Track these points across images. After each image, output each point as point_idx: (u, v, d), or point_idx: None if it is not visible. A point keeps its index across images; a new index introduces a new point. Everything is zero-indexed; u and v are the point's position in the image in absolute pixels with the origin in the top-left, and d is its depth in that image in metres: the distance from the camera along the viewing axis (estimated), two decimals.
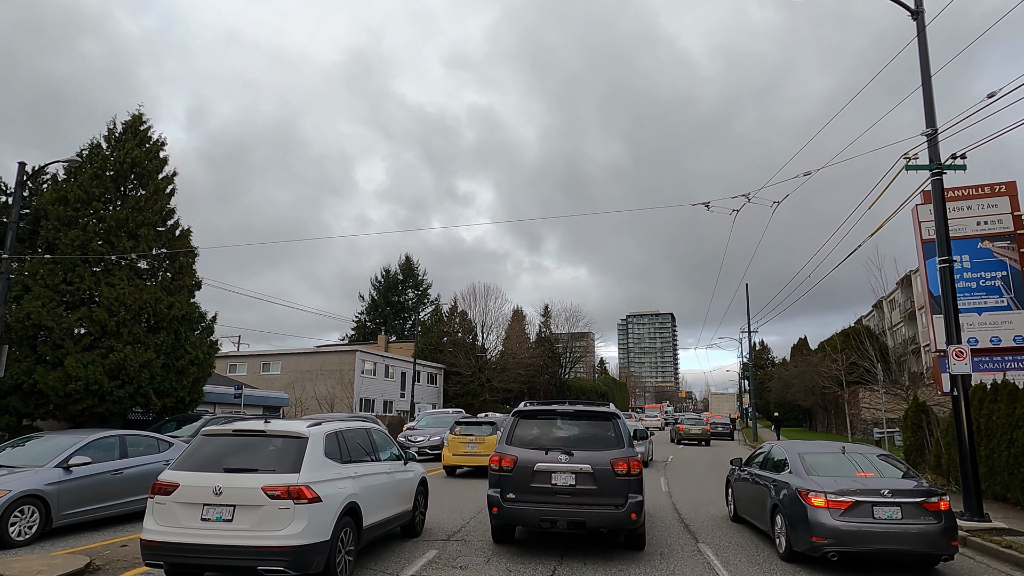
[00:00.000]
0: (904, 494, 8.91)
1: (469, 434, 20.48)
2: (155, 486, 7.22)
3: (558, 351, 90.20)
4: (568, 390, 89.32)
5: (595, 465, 9.06)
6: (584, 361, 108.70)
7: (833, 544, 8.71)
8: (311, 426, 8.09)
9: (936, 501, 8.82)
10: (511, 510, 9.18)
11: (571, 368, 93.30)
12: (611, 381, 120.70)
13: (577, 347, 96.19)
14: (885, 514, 8.74)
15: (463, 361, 66.42)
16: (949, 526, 8.74)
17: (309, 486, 7.11)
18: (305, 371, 53.72)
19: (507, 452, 9.45)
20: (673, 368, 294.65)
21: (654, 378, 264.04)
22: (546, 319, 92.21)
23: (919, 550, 8.70)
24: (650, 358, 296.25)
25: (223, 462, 7.33)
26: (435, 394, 67.58)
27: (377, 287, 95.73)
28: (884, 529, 8.63)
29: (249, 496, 6.93)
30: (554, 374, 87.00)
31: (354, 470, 8.38)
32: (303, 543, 6.84)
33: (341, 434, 8.62)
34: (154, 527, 7.01)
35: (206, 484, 7.02)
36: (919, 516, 8.72)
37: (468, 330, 71.17)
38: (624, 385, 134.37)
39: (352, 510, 7.91)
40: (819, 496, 9.02)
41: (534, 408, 10.26)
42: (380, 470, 9.29)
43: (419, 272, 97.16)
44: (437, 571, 8.51)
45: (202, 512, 6.93)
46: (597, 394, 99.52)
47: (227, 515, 6.89)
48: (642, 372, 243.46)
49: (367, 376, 55.12)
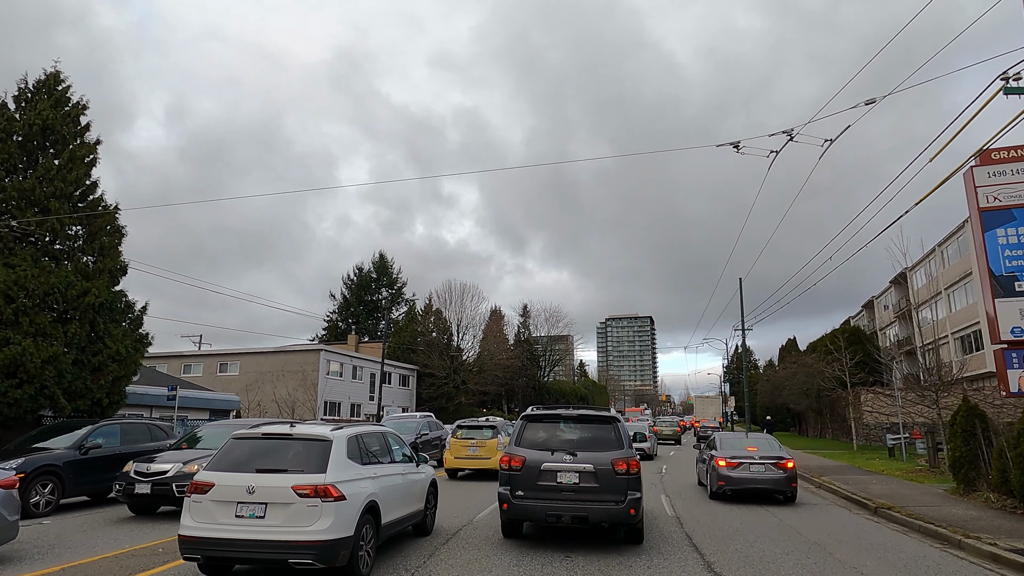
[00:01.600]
0: (767, 458, 15.81)
1: (471, 437, 20.59)
2: (192, 486, 7.52)
3: (537, 353, 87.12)
4: (547, 393, 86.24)
5: (597, 465, 9.71)
6: (564, 363, 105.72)
7: (728, 486, 15.72)
8: (334, 430, 8.45)
9: (784, 461, 15.70)
10: (520, 506, 9.80)
11: (550, 370, 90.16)
12: (591, 384, 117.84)
13: (557, 350, 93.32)
14: (756, 469, 15.67)
15: (437, 362, 63.00)
16: (791, 476, 15.56)
17: (335, 485, 7.48)
18: (265, 372, 49.99)
19: (516, 453, 10.11)
20: (652, 371, 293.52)
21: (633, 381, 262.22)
22: (525, 320, 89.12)
23: (773, 488, 15.62)
24: (629, 361, 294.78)
25: (254, 463, 7.70)
26: (407, 397, 64.07)
27: (350, 286, 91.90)
28: (754, 476, 15.62)
29: (280, 494, 7.27)
30: (533, 376, 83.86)
31: (373, 471, 8.76)
32: (330, 538, 7.19)
33: (361, 437, 9.02)
34: (191, 523, 7.29)
35: (240, 483, 7.35)
36: (775, 470, 15.57)
37: (443, 330, 67.77)
38: (604, 388, 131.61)
39: (372, 508, 8.26)
40: (722, 459, 16.00)
41: (541, 412, 10.99)
42: (395, 471, 9.68)
43: (393, 270, 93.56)
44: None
45: (236, 509, 7.25)
46: (577, 397, 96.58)
47: (260, 512, 7.22)
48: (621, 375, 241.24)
49: (333, 378, 51.51)
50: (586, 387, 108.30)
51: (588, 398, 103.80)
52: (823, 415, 48.68)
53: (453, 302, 68.13)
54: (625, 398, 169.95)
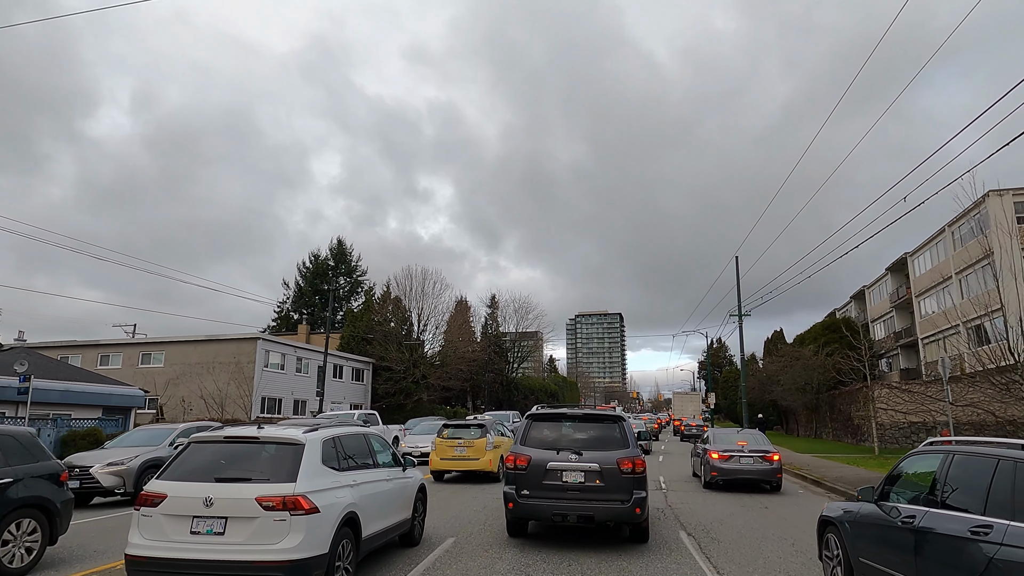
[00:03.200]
0: (756, 451, 17.64)
1: (457, 437, 19.53)
2: (141, 497, 6.79)
3: (505, 346, 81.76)
4: (515, 389, 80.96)
5: (602, 464, 9.65)
6: (533, 358, 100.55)
7: (720, 476, 17.53)
8: (308, 432, 7.52)
9: (770, 454, 17.54)
10: (526, 505, 9.75)
11: (519, 365, 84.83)
12: (561, 380, 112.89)
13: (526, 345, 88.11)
14: (745, 461, 17.51)
15: (395, 355, 57.13)
16: (777, 468, 17.38)
17: (306, 496, 6.70)
18: (194, 363, 43.75)
19: (522, 452, 10.03)
20: (621, 368, 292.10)
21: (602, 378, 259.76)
22: (493, 311, 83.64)
23: (761, 479, 17.44)
24: (598, 358, 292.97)
25: (214, 471, 6.90)
26: (361, 392, 58.17)
27: (305, 274, 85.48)
28: (743, 467, 17.46)
29: (242, 507, 6.51)
30: (500, 371, 78.47)
31: (353, 478, 7.93)
32: (300, 557, 6.46)
33: (339, 440, 8.11)
34: (140, 541, 6.56)
35: (196, 495, 6.57)
36: (762, 462, 17.41)
37: (403, 320, 61.86)
38: (575, 385, 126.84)
39: (351, 520, 7.51)
40: (715, 452, 17.89)
41: (546, 412, 11.03)
42: (379, 477, 8.83)
43: (352, 257, 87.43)
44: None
45: (192, 525, 6.52)
46: (547, 393, 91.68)
47: (218, 528, 6.49)
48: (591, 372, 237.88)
49: (272, 370, 45.44)
50: (556, 383, 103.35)
51: (558, 395, 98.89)
52: (819, 412, 44.10)
53: (414, 290, 62.31)
54: (595, 395, 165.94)
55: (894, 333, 50.95)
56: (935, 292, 43.70)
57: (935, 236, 43.42)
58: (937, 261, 43.33)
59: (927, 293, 45.00)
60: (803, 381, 40.68)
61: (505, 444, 20.40)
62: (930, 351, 45.48)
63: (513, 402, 79.22)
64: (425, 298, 61.95)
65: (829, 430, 41.27)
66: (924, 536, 5.67)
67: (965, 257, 39.11)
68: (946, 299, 42.20)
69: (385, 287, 65.38)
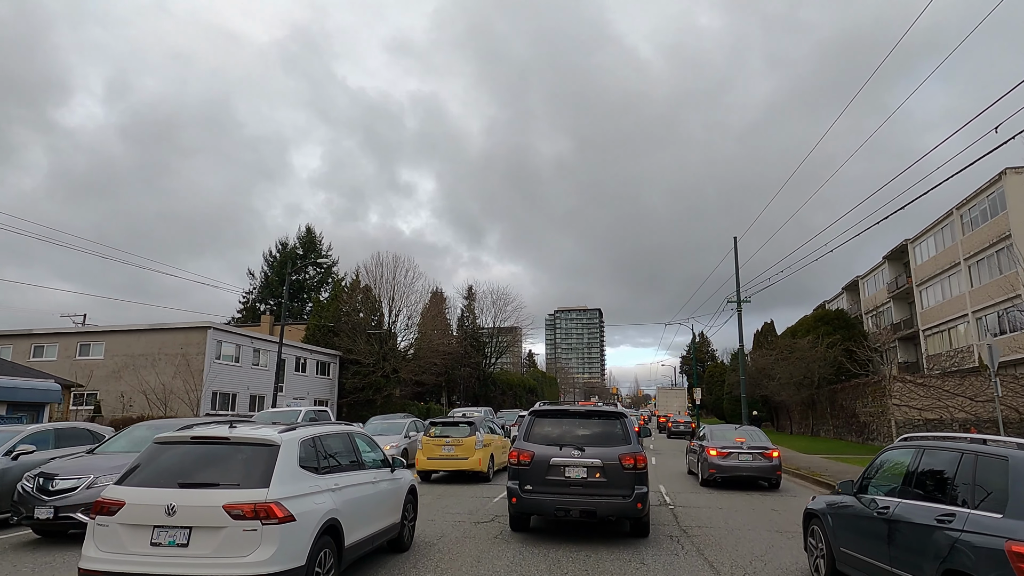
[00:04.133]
0: (754, 448, 17.09)
1: (446, 435, 18.72)
2: (97, 505, 6.21)
3: (482, 340, 78.27)
4: (493, 384, 77.59)
5: (605, 460, 9.74)
6: (511, 352, 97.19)
7: (718, 473, 17.00)
8: (284, 431, 6.94)
9: (769, 451, 17.04)
10: (529, 500, 9.86)
11: (496, 359, 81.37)
12: (540, 375, 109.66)
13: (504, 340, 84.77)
14: (744, 458, 16.95)
15: (364, 347, 53.36)
16: (776, 465, 16.90)
17: (280, 503, 6.08)
18: (138, 355, 39.68)
19: (525, 448, 10.16)
20: (600, 364, 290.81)
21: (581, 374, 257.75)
22: (470, 303, 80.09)
23: (760, 476, 17.02)
24: (577, 353, 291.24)
25: (178, 475, 6.25)
26: (328, 387, 54.32)
27: (271, 263, 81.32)
28: (742, 464, 16.90)
29: (208, 516, 5.90)
30: (477, 365, 75.00)
31: (334, 481, 7.31)
32: (273, 571, 5.88)
33: (319, 439, 7.47)
34: (95, 554, 6.00)
35: (156, 502, 5.97)
36: (762, 459, 16.89)
37: (373, 310, 58.03)
38: (554, 380, 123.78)
39: (332, 528, 6.88)
40: (712, 449, 17.30)
41: (549, 408, 11.01)
42: (364, 479, 8.18)
43: (322, 246, 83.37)
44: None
45: (152, 536, 5.92)
46: (525, 389, 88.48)
47: (181, 539, 5.90)
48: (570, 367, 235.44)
49: (225, 363, 41.49)
50: (535, 378, 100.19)
51: (537, 390, 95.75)
52: (816, 409, 41.18)
53: (385, 278, 58.41)
54: (575, 390, 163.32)
55: (892, 325, 48.33)
56: (939, 280, 41.03)
57: (940, 220, 40.71)
58: (943, 247, 40.61)
59: (930, 282, 42.32)
60: (801, 375, 37.70)
61: (495, 442, 19.84)
62: (932, 343, 42.90)
63: (490, 398, 75.82)
64: (396, 287, 58.15)
65: (829, 427, 38.32)
66: (896, 525, 6.20)
67: (977, 241, 36.43)
68: (952, 287, 39.54)
69: (354, 275, 61.48)
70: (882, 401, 29.53)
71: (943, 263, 40.23)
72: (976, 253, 36.38)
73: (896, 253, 48.01)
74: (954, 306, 38.94)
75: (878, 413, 29.94)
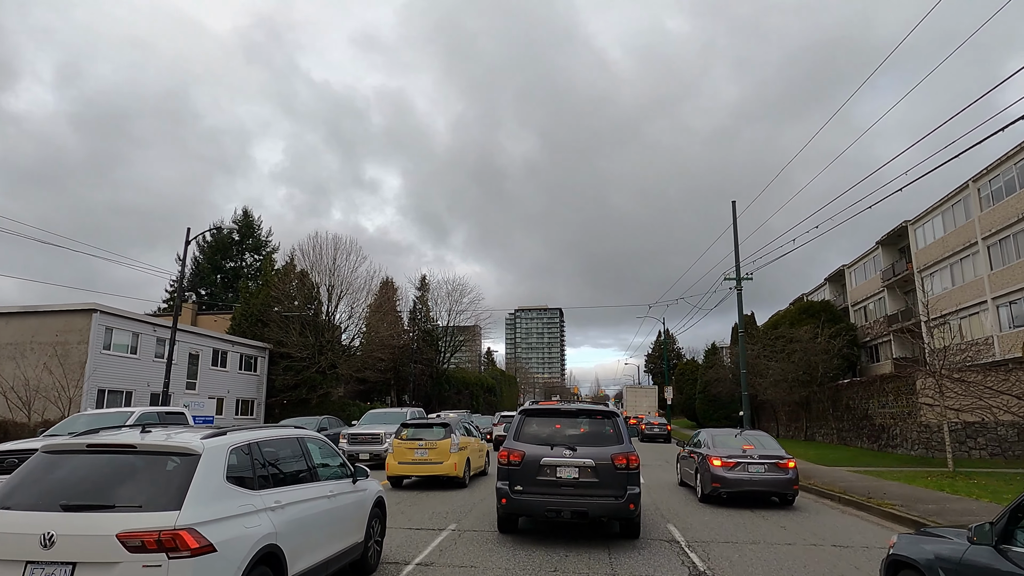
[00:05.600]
0: (767, 457, 14.45)
1: (418, 438, 17.29)
2: None
3: (436, 335, 72.02)
4: (447, 382, 71.36)
5: (597, 459, 9.46)
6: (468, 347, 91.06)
7: (724, 488, 14.24)
8: (210, 437, 5.36)
9: (785, 461, 14.35)
10: (519, 501, 9.53)
11: (451, 355, 75.17)
12: (499, 374, 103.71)
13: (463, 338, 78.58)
14: (754, 469, 14.27)
15: (296, 339, 46.66)
16: (792, 478, 14.17)
17: (194, 529, 4.57)
18: (5, 344, 32.48)
19: (515, 447, 9.88)
20: (560, 364, 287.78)
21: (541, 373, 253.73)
22: (423, 294, 73.69)
23: (774, 491, 14.24)
24: (537, 353, 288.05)
25: (62, 495, 4.69)
26: (254, 384, 47.45)
27: (204, 249, 73.52)
28: (753, 477, 14.19)
29: (97, 548, 4.40)
30: (431, 362, 68.67)
31: (275, 497, 5.76)
32: None
33: (257, 447, 5.93)
34: None
35: (30, 530, 4.48)
36: (776, 471, 14.23)
37: (309, 298, 51.28)
38: (514, 379, 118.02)
39: (269, 557, 5.31)
40: (717, 458, 14.55)
41: (539, 407, 10.71)
42: (317, 493, 6.64)
43: (261, 232, 76.01)
44: None
45: (24, 573, 4.43)
46: (483, 388, 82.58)
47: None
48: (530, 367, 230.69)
49: (118, 353, 34.50)
50: (494, 377, 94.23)
51: (496, 389, 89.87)
52: (811, 409, 36.16)
53: (323, 261, 51.70)
54: (535, 390, 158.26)
55: (886, 317, 43.83)
56: (948, 264, 36.43)
57: (950, 196, 36.12)
58: (953, 227, 36.02)
59: (936, 266, 37.74)
60: (801, 371, 32.56)
61: (472, 445, 18.66)
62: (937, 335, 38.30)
63: (443, 397, 69.60)
64: (337, 272, 51.49)
65: (831, 430, 33.22)
66: None
67: (998, 217, 31.83)
68: (966, 271, 34.96)
69: (288, 258, 54.62)
70: (908, 400, 24.40)
71: (954, 244, 35.66)
72: (997, 231, 31.80)
73: (892, 237, 43.50)
74: (968, 292, 34.37)
75: (902, 415, 24.83)
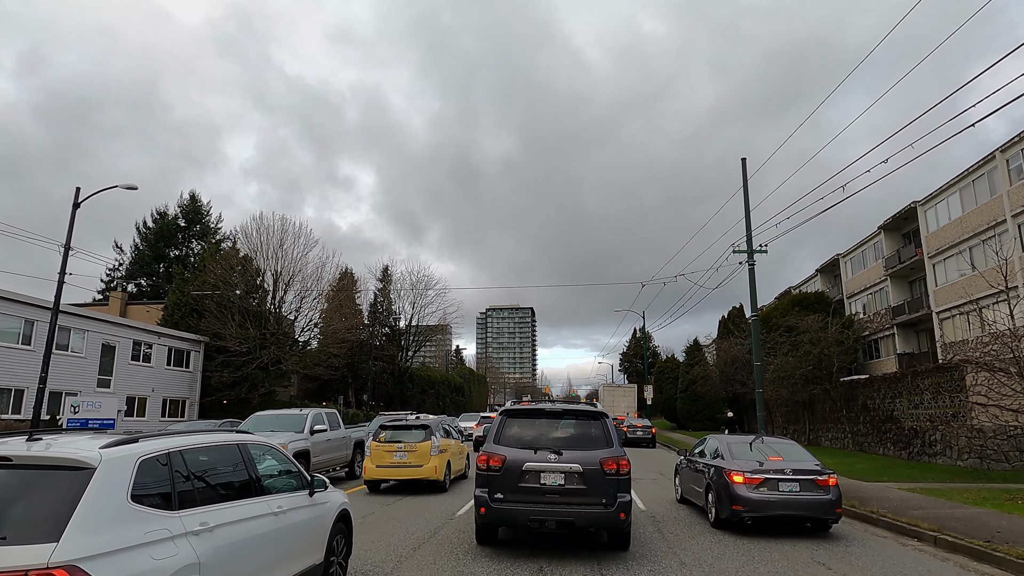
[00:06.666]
0: (801, 473, 11.10)
1: (397, 440, 16.60)
2: None
3: (399, 330, 66.92)
4: (411, 381, 66.30)
5: (584, 465, 8.87)
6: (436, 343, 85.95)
7: (748, 511, 10.96)
8: (111, 445, 4.18)
9: (825, 478, 11.08)
10: (499, 510, 8.90)
11: (414, 353, 70.07)
12: (468, 373, 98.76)
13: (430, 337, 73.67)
14: (787, 488, 11.01)
15: (235, 331, 41.24)
16: (835, 498, 10.98)
17: (77, 566, 3.49)
18: None
19: (495, 451, 9.21)
20: (532, 364, 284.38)
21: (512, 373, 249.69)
22: (385, 286, 68.52)
23: (813, 515, 11.03)
24: (509, 353, 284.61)
25: None
26: (187, 382, 41.89)
27: (145, 235, 67.27)
28: (786, 498, 10.95)
29: None
30: (392, 359, 63.58)
31: (201, 519, 4.61)
32: None
33: (179, 456, 4.73)
34: None
35: None
36: (815, 489, 10.98)
37: (253, 287, 45.87)
38: (483, 378, 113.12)
39: None
40: (738, 474, 11.24)
41: (522, 408, 10.16)
42: (260, 511, 5.44)
43: (209, 218, 69.98)
44: None
45: None
46: (450, 388, 77.66)
47: None
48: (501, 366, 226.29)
49: (6, 344, 28.96)
50: (462, 376, 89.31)
51: (464, 389, 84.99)
52: (816, 410, 31.99)
53: (269, 245, 46.27)
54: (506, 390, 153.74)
55: (889, 308, 39.99)
56: (965, 247, 32.56)
57: (970, 171, 32.26)
58: (973, 205, 32.17)
59: (950, 251, 33.89)
60: (810, 366, 28.31)
61: (452, 447, 17.75)
62: (950, 327, 34.53)
63: (407, 397, 64.53)
64: (284, 257, 46.11)
65: (844, 433, 28.95)
66: None
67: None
68: (988, 255, 31.09)
69: (231, 242, 49.08)
70: (954, 399, 20.18)
71: (974, 225, 31.81)
72: None
73: (897, 221, 39.63)
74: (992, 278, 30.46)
75: (946, 417, 20.61)
